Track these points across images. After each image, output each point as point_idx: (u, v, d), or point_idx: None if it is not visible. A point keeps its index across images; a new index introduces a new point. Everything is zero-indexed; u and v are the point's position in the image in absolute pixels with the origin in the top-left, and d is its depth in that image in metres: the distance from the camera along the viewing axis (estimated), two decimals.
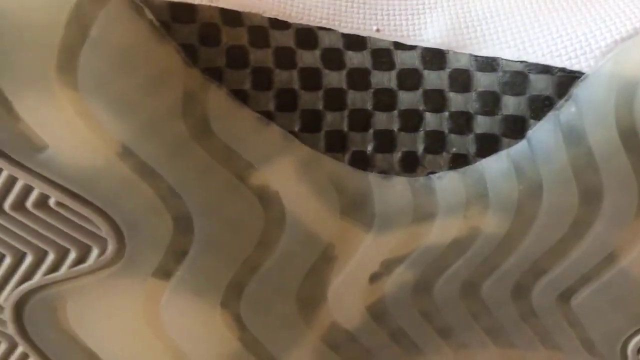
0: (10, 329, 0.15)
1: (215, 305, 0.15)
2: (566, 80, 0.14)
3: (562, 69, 0.14)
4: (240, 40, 0.14)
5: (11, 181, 0.14)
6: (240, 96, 0.14)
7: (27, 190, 0.14)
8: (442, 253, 0.15)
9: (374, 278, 0.15)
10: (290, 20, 0.15)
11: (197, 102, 0.14)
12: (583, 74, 0.14)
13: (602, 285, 0.15)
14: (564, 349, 0.16)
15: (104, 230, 0.14)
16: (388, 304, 0.16)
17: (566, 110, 0.14)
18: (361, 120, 0.15)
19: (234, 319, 0.15)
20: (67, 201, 0.14)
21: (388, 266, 0.15)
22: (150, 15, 0.14)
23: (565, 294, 0.15)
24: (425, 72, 0.15)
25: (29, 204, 0.15)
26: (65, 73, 0.13)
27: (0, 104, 0.14)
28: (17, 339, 0.16)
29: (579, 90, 0.14)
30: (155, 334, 0.16)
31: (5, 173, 0.14)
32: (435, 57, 0.15)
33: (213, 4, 0.14)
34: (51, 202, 0.14)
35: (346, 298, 0.15)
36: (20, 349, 0.16)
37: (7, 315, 0.15)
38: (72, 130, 0.14)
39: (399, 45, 0.15)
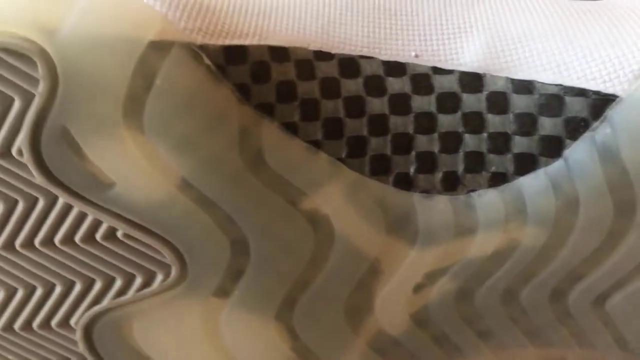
0: (81, 348, 0.17)
1: (269, 319, 0.16)
2: (601, 102, 0.15)
3: (597, 92, 0.15)
4: (288, 75, 0.15)
5: (81, 216, 0.15)
6: (291, 128, 0.15)
7: (96, 224, 0.15)
8: (482, 264, 0.16)
9: (418, 289, 0.16)
10: (333, 51, 0.15)
11: (252, 136, 0.15)
12: (617, 96, 0.15)
13: (636, 289, 0.16)
14: (598, 347, 0.17)
15: (167, 257, 0.15)
16: (431, 311, 0.16)
17: (602, 131, 0.15)
18: (403, 144, 0.15)
19: (287, 330, 0.16)
20: (134, 233, 0.15)
21: (431, 278, 0.16)
22: (207, 61, 0.14)
23: (600, 298, 0.16)
24: (464, 96, 0.15)
25: (98, 236, 0.15)
26: (132, 118, 0.14)
27: (70, 148, 0.14)
28: (87, 356, 0.17)
29: (614, 113, 0.15)
30: (214, 347, 0.16)
31: (75, 209, 0.15)
32: (472, 81, 0.15)
33: (262, 43, 0.15)
34: (119, 233, 0.15)
35: (391, 308, 0.16)
36: None
37: (78, 335, 0.16)
38: (137, 169, 0.14)
39: (437, 70, 0.15)
